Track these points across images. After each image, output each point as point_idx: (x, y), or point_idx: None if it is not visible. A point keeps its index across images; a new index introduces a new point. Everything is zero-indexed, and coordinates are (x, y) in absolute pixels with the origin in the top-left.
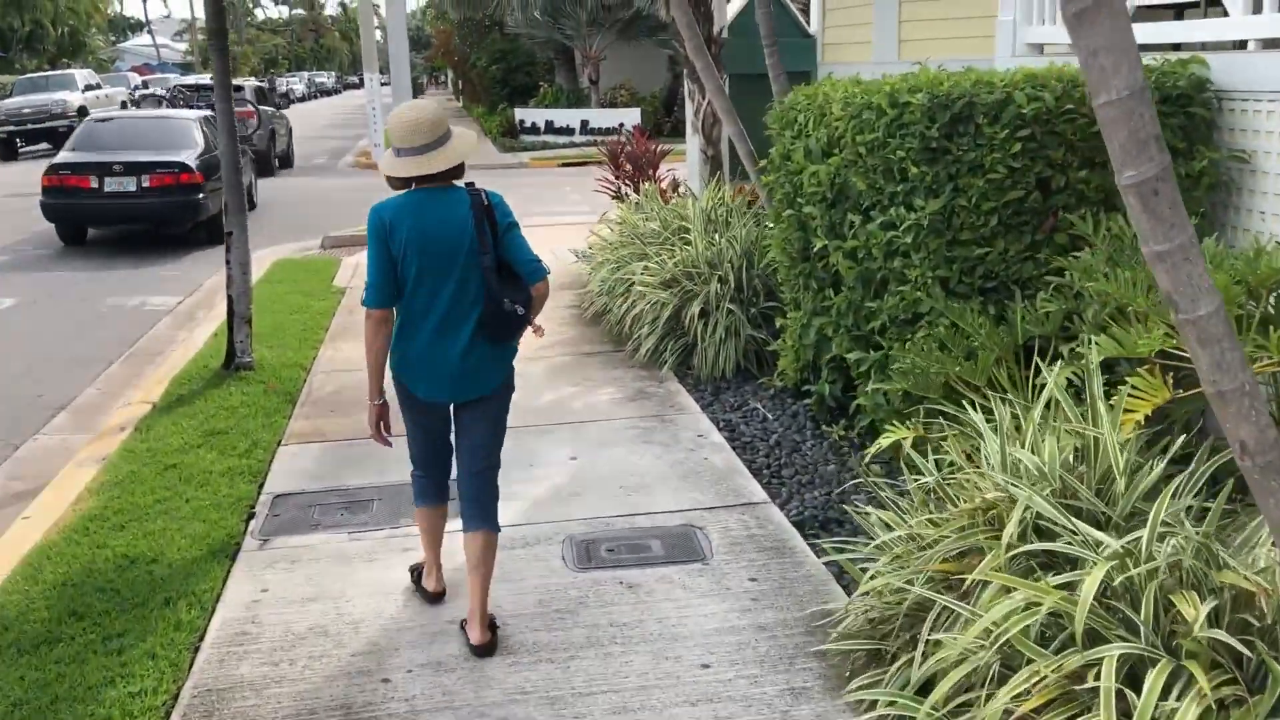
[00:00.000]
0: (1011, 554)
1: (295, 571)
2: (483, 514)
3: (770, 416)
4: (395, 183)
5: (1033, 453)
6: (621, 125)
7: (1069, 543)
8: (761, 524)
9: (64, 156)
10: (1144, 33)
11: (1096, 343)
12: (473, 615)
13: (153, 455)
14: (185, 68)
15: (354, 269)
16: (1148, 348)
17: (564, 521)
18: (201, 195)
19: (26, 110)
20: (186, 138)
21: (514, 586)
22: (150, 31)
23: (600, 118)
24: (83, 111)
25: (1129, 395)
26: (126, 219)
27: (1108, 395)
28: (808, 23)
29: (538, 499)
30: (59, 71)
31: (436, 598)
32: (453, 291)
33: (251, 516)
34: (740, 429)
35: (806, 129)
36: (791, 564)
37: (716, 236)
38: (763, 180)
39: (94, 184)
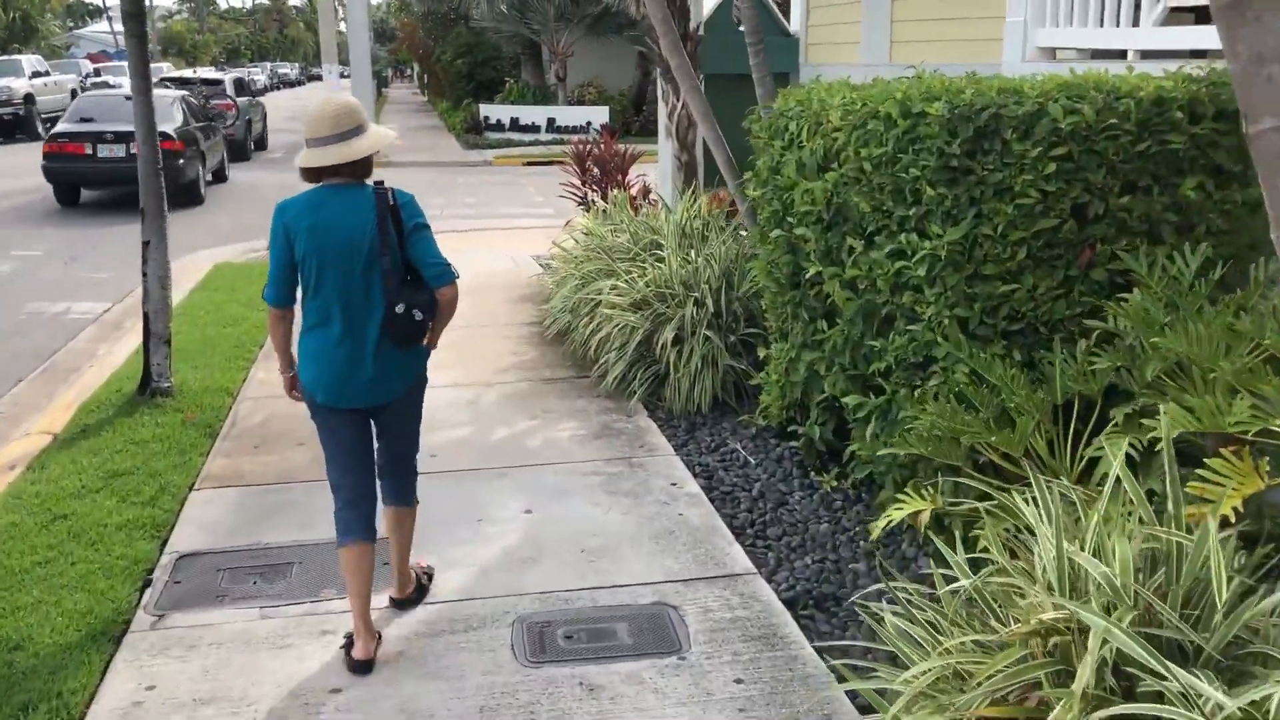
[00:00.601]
0: (1088, 714)
1: (190, 661)
2: (402, 495)
3: (752, 461)
4: (305, 175)
5: (1096, 555)
6: (589, 124)
7: (1160, 691)
8: (747, 602)
9: (62, 126)
10: (1168, 38)
11: (1165, 412)
12: (392, 569)
13: (42, 502)
14: None
15: None
16: (1237, 424)
17: (515, 596)
18: (181, 160)
19: None
20: (168, 112)
21: (453, 687)
22: (109, 18)
23: (567, 115)
24: (29, 99)
25: (1209, 482)
26: (116, 181)
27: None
28: (788, 21)
29: (485, 565)
30: (4, 58)
31: (363, 666)
32: (354, 294)
33: (148, 584)
34: (719, 475)
35: (799, 139)
36: (784, 659)
37: (692, 253)
38: (746, 194)
39: (89, 150)
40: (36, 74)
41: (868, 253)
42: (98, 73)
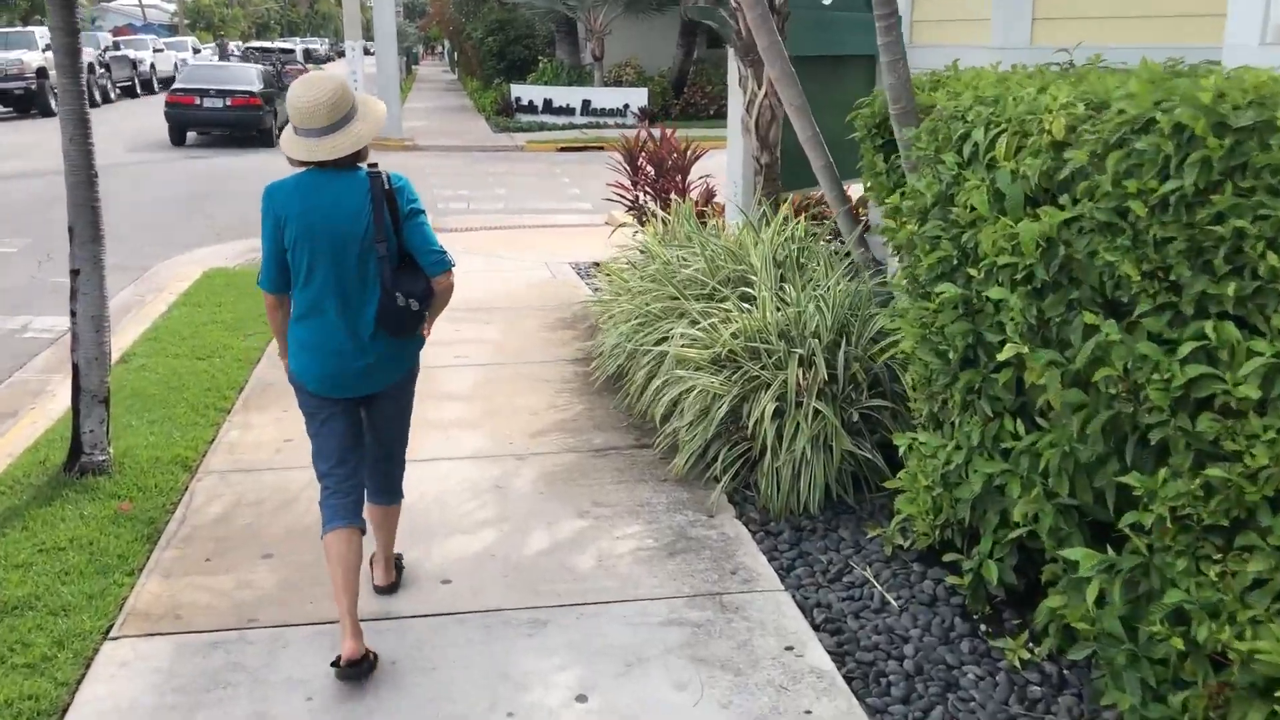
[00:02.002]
0: None
1: None
2: (388, 491)
3: (893, 601)
4: (294, 161)
5: None
6: (626, 106)
7: None
8: None
9: (178, 84)
10: None
11: None
12: (377, 557)
13: None
14: (170, 29)
15: None
16: None
17: None
18: (260, 113)
19: None
20: (252, 77)
21: None
22: None
23: (603, 97)
24: (41, 73)
25: None
26: (216, 125)
27: None
28: None
29: None
30: (17, 30)
31: (350, 666)
32: (347, 282)
33: None
34: (849, 628)
35: (997, 154)
36: None
37: (791, 292)
38: (887, 228)
39: (197, 101)
40: (49, 47)
41: (1125, 340)
42: (117, 45)
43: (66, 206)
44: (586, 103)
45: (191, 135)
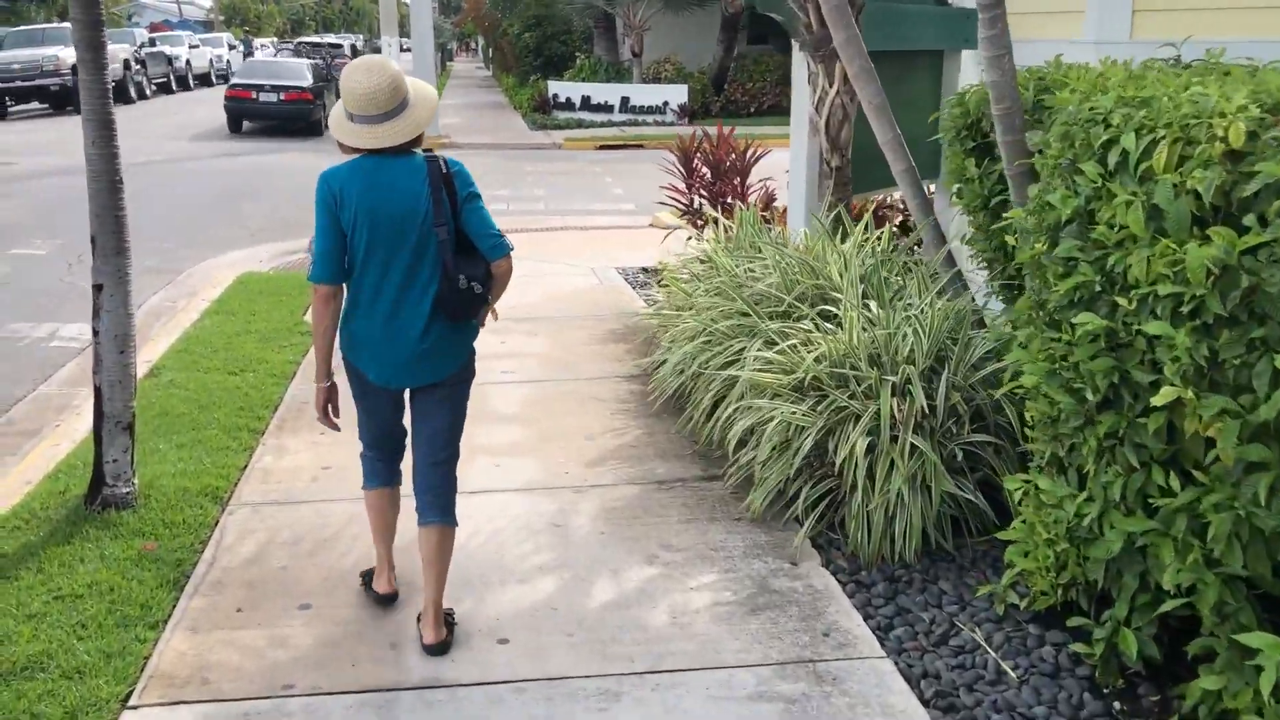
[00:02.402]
0: None
1: None
2: (440, 507)
3: (1012, 671)
4: (346, 148)
5: None
6: (665, 104)
7: None
8: None
9: (236, 79)
10: None
11: None
12: (427, 612)
13: None
14: (206, 25)
15: None
16: None
17: None
18: (310, 106)
19: (16, 66)
20: (304, 72)
21: None
22: None
23: (642, 94)
24: (77, 70)
25: None
26: (270, 117)
27: None
28: None
29: None
30: (53, 25)
31: (387, 599)
32: (406, 267)
33: None
34: (963, 704)
35: (1154, 165)
36: None
37: (874, 308)
38: (1019, 248)
39: (254, 95)
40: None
41: None
42: (153, 42)
43: (89, 216)
44: (625, 100)
45: (227, 133)
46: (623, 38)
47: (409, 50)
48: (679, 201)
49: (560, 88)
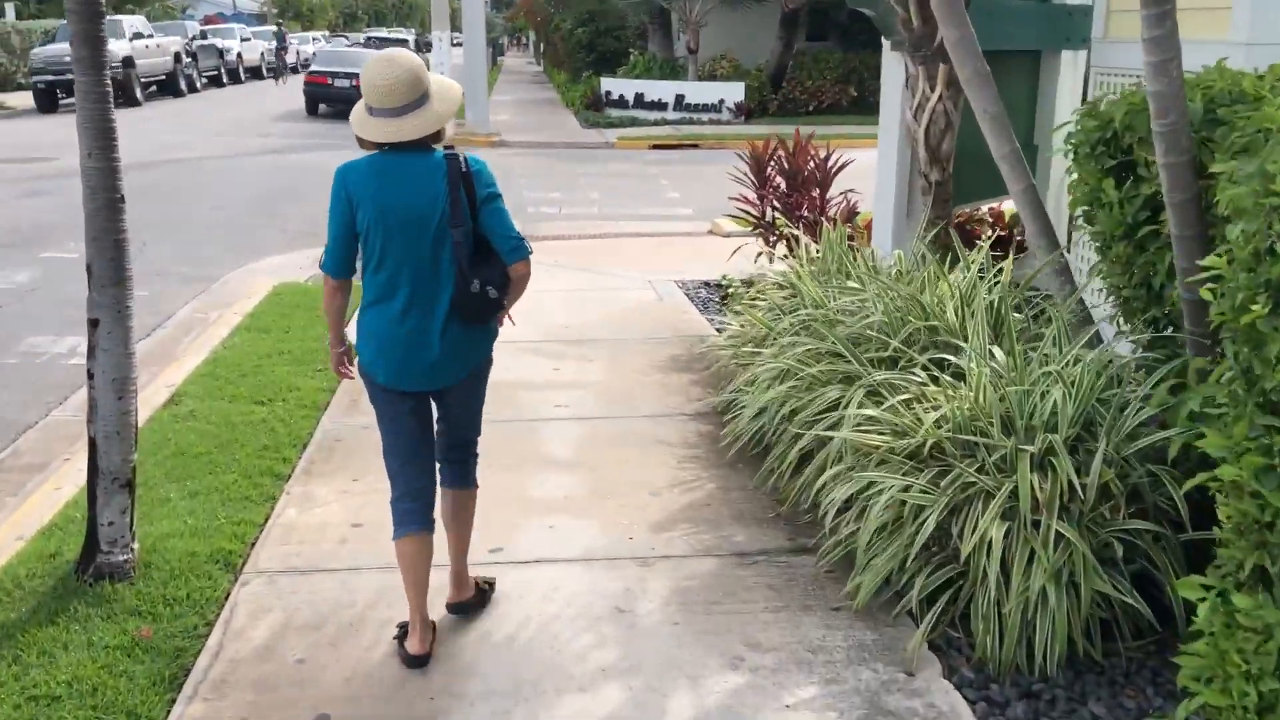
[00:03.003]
0: None
1: None
2: (461, 476)
3: None
4: (365, 143)
5: None
6: (721, 102)
7: None
8: None
9: (314, 68)
10: None
11: None
12: (451, 570)
13: None
14: (259, 18)
15: None
16: None
17: None
18: None
19: (67, 59)
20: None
21: None
22: None
23: (697, 92)
24: (128, 62)
25: None
26: (343, 101)
27: None
28: None
29: None
30: (106, 18)
31: (418, 660)
32: (422, 268)
33: None
34: None
35: None
36: None
37: (1002, 357)
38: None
39: (329, 81)
40: (137, 35)
41: None
42: (204, 35)
43: (85, 240)
44: (680, 97)
45: (277, 130)
46: (678, 34)
47: (460, 45)
48: (749, 214)
49: (613, 84)
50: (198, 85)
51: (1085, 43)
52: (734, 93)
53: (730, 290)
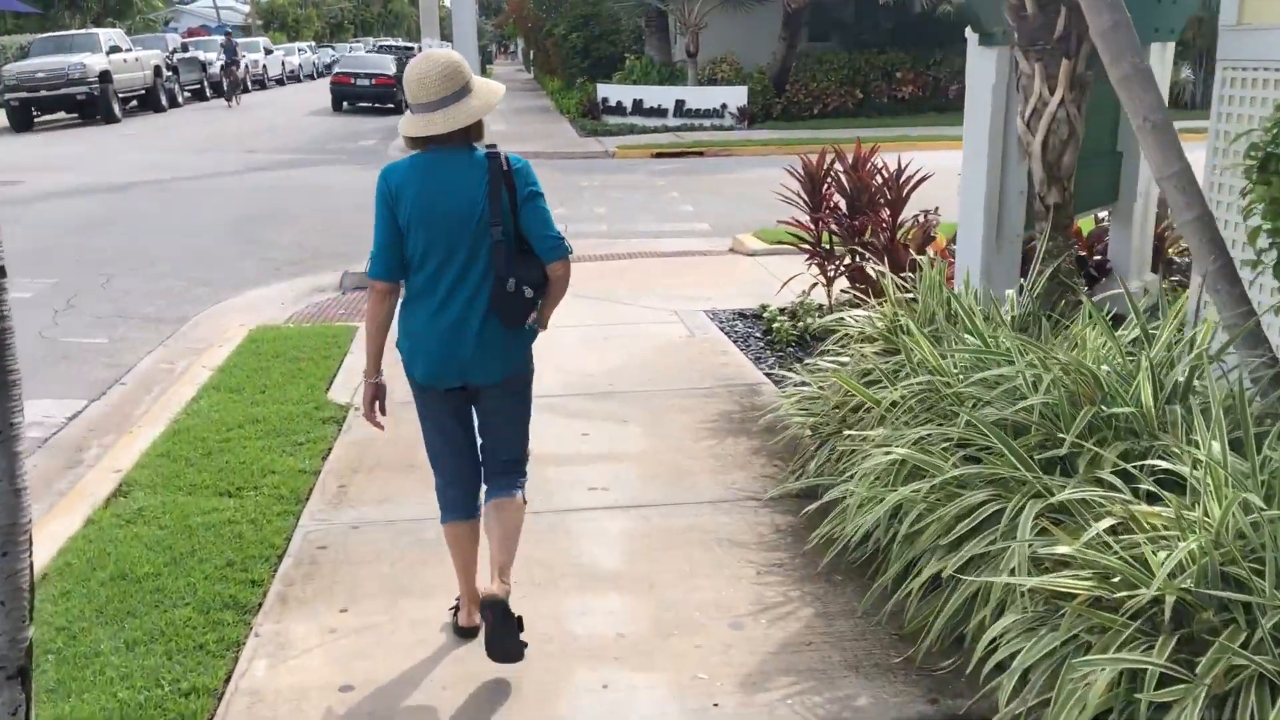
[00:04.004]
0: None
1: None
2: (508, 489)
3: None
4: (410, 142)
5: None
6: (724, 106)
7: None
8: None
9: (339, 69)
10: None
11: None
12: (491, 575)
13: None
14: (244, 30)
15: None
16: None
17: None
18: (394, 89)
19: (41, 75)
20: (388, 64)
21: None
22: None
23: (698, 97)
24: (105, 77)
25: None
26: (364, 98)
27: None
28: None
29: None
30: (82, 32)
31: (467, 632)
32: (461, 266)
33: None
34: None
35: None
36: None
37: (1232, 460)
38: None
39: (352, 81)
40: (114, 49)
41: None
42: (185, 48)
43: None
44: (680, 103)
45: (262, 144)
46: (675, 37)
47: None
48: (803, 239)
49: (610, 91)
50: (179, 100)
51: (1174, 34)
52: (736, 97)
53: (775, 325)
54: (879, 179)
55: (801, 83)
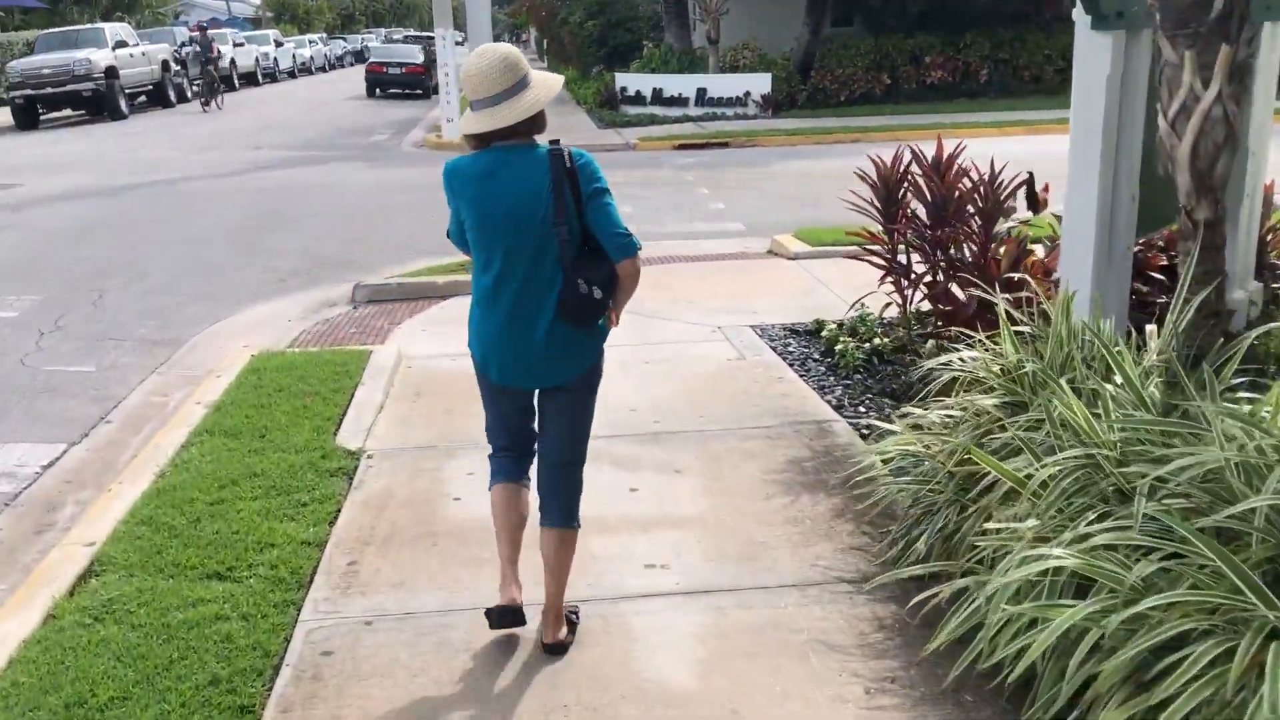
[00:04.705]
0: None
1: None
2: (561, 511)
3: None
4: (471, 141)
5: None
6: (747, 94)
7: None
8: None
9: (373, 59)
10: None
11: None
12: (547, 614)
13: None
14: (254, 23)
15: (386, 393)
16: None
17: None
18: (423, 77)
19: (46, 71)
20: (417, 53)
21: None
22: None
23: (721, 85)
24: (111, 72)
25: None
26: (396, 85)
27: None
28: None
29: None
30: (88, 27)
31: (502, 614)
32: (527, 266)
33: None
34: None
35: None
36: None
37: None
38: None
39: (385, 69)
40: (119, 44)
41: None
42: (192, 41)
43: None
44: (701, 91)
45: (269, 140)
46: (694, 23)
47: (462, 44)
48: (878, 255)
49: (629, 80)
50: (188, 94)
51: None
52: (760, 84)
53: (839, 347)
54: (967, 181)
55: (827, 69)
